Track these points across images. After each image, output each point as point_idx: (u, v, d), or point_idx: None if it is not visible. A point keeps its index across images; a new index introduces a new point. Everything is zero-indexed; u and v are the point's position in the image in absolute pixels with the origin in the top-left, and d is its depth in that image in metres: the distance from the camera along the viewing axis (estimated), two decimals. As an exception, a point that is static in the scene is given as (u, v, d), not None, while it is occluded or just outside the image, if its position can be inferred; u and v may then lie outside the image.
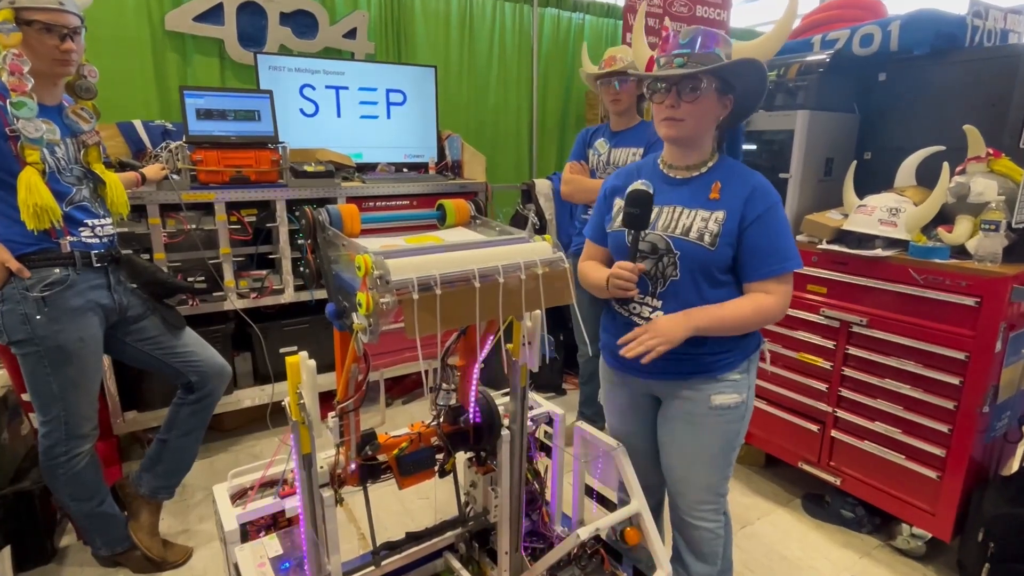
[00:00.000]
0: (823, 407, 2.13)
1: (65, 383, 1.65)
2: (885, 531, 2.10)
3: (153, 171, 2.24)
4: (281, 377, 2.73)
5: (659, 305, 1.35)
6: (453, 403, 1.58)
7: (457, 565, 1.78)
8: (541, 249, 1.21)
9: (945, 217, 1.89)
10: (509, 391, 1.60)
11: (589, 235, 1.53)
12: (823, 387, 2.13)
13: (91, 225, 1.67)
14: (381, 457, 1.48)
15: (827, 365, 2.10)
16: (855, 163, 2.15)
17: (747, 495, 2.35)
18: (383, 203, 2.87)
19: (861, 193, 2.11)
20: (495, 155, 4.10)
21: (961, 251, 1.82)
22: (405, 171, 3.31)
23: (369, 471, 1.45)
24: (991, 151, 1.84)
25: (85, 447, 1.75)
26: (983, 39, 2.17)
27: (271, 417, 2.69)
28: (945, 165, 1.81)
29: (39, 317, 1.57)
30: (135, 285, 1.83)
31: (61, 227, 1.59)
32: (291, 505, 1.32)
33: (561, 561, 1.64)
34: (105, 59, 2.76)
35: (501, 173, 4.17)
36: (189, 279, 2.43)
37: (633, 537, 1.51)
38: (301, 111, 3.07)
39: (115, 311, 1.75)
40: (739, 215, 1.28)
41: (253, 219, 2.58)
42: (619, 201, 1.42)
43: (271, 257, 2.67)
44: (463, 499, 1.79)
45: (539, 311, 1.40)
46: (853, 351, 2.02)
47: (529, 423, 1.67)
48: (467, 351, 1.55)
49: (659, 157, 1.42)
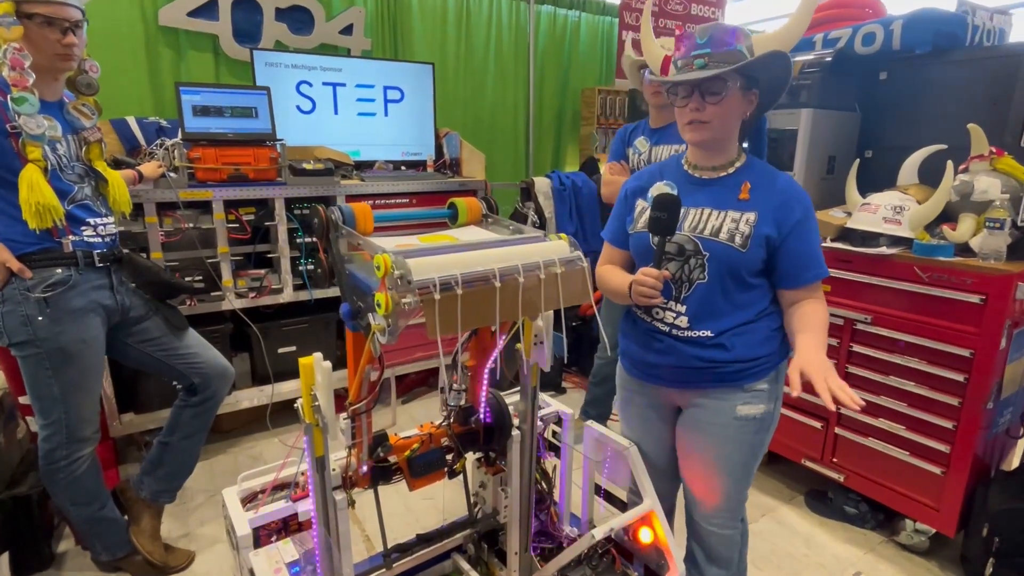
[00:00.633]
0: (827, 404, 2.14)
1: (67, 385, 1.61)
2: (888, 527, 2.11)
3: (150, 169, 2.20)
4: (280, 378, 2.70)
5: (683, 310, 1.30)
6: (463, 403, 1.57)
7: (466, 566, 1.77)
8: (558, 248, 1.20)
9: (948, 215, 1.90)
10: (519, 391, 1.59)
11: (608, 238, 1.49)
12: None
13: (93, 224, 1.64)
14: (392, 459, 1.47)
15: (831, 362, 2.10)
16: (858, 161, 2.16)
17: (752, 493, 2.33)
18: (383, 201, 2.84)
19: (862, 191, 2.12)
20: (492, 153, 4.08)
21: (965, 249, 1.83)
22: (403, 169, 3.28)
23: (381, 473, 1.44)
24: (994, 149, 1.86)
25: (86, 451, 1.71)
26: (983, 38, 2.19)
27: (271, 418, 2.66)
28: (949, 163, 1.83)
29: (41, 318, 1.53)
30: (137, 285, 1.79)
31: (63, 226, 1.55)
32: (304, 509, 1.30)
33: (572, 561, 1.64)
34: (97, 54, 2.64)
35: (498, 171, 4.15)
36: (187, 279, 2.39)
37: (645, 536, 1.51)
38: (298, 108, 3.03)
39: (117, 312, 1.72)
40: (772, 218, 1.23)
41: (251, 217, 2.54)
42: (641, 202, 1.39)
43: (270, 256, 2.64)
44: (471, 500, 1.78)
45: (550, 311, 1.40)
46: (857, 348, 2.03)
47: (538, 423, 1.67)
48: (478, 351, 1.54)
49: (683, 157, 1.38)
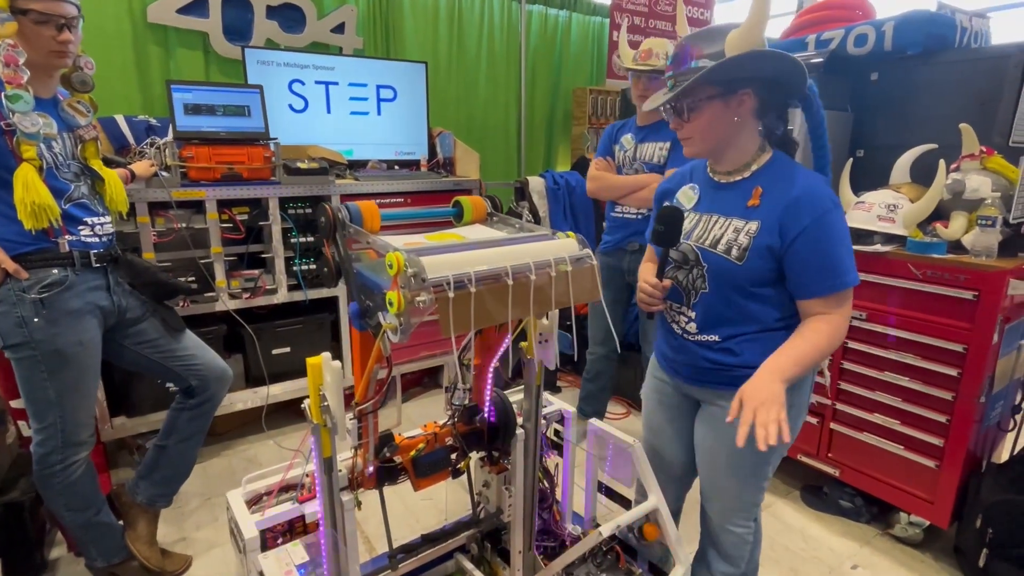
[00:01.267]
0: (822, 400, 2.17)
1: (62, 388, 1.58)
2: (883, 520, 2.15)
3: (142, 168, 2.16)
4: (275, 379, 2.67)
5: (692, 316, 1.32)
6: (468, 402, 1.57)
7: (469, 566, 1.76)
8: (568, 246, 1.20)
9: (939, 213, 1.94)
10: (523, 389, 1.59)
11: (647, 237, 1.44)
12: (822, 380, 2.17)
13: (91, 223, 1.61)
14: (397, 459, 1.46)
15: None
16: (851, 160, 2.20)
17: (747, 488, 2.39)
18: (378, 201, 2.82)
19: (854, 190, 2.15)
20: (484, 152, 4.06)
21: (957, 246, 1.87)
22: (396, 168, 3.27)
23: (387, 473, 1.43)
24: (984, 149, 1.90)
25: (82, 455, 1.68)
26: (970, 40, 2.23)
27: (266, 420, 2.63)
28: (941, 163, 1.86)
29: (37, 320, 1.50)
30: (134, 286, 1.76)
31: (59, 226, 1.52)
32: (311, 510, 1.29)
33: (577, 559, 1.64)
34: (84, 51, 2.65)
35: (490, 170, 4.14)
36: (180, 279, 2.35)
37: (651, 533, 1.52)
38: (290, 107, 3.00)
39: (114, 313, 1.69)
40: (777, 227, 1.18)
41: (245, 217, 2.51)
42: (668, 204, 1.38)
43: (263, 256, 2.61)
44: (475, 499, 1.78)
45: (555, 309, 1.40)
46: (852, 344, 2.06)
47: (542, 421, 1.67)
48: (483, 349, 1.54)
49: (708, 161, 1.36)
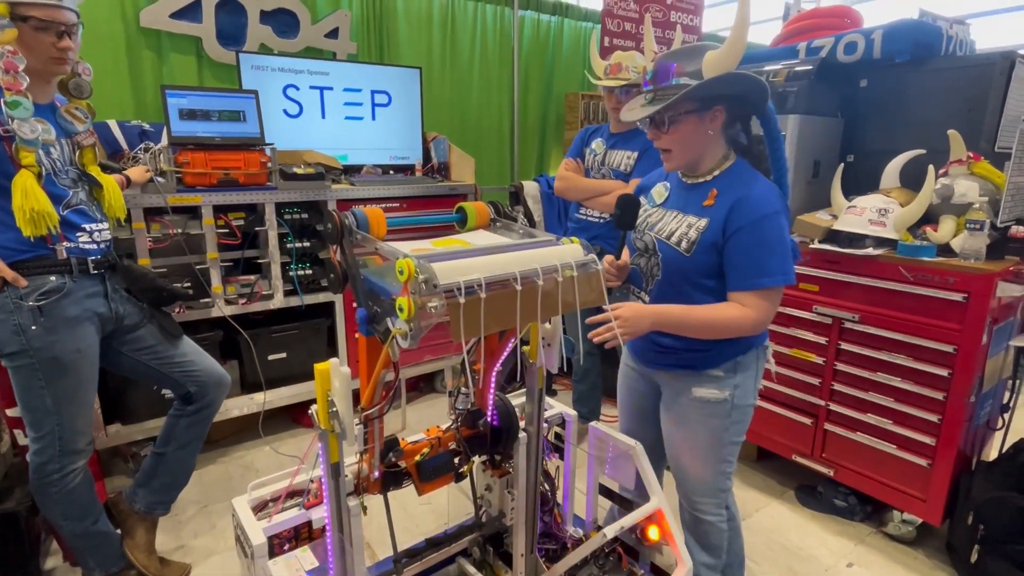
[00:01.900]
0: (816, 401, 2.21)
1: (60, 397, 1.56)
2: (877, 518, 2.19)
3: (138, 173, 2.15)
4: (271, 385, 2.66)
5: (647, 299, 1.47)
6: (471, 407, 1.58)
7: (472, 570, 1.77)
8: (573, 251, 1.22)
9: (929, 217, 1.99)
10: (525, 393, 1.60)
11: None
12: (816, 381, 2.20)
13: (89, 230, 1.60)
14: (402, 464, 1.47)
15: (820, 360, 2.18)
16: (842, 165, 2.24)
17: (743, 489, 2.42)
18: (374, 206, 2.82)
19: (845, 194, 2.19)
20: (477, 157, 4.07)
21: (946, 249, 1.91)
22: (391, 173, 3.27)
23: (392, 478, 1.44)
24: (971, 154, 1.95)
25: (79, 463, 1.66)
26: (956, 48, 2.29)
27: (263, 426, 2.62)
28: (931, 168, 1.91)
29: (34, 327, 1.49)
30: (131, 292, 1.75)
31: (58, 232, 1.51)
32: (318, 516, 1.29)
33: (580, 560, 1.65)
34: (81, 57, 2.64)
35: (484, 174, 4.15)
36: (176, 285, 2.34)
37: (654, 534, 1.54)
38: (285, 112, 3.00)
39: (111, 320, 1.68)
40: (722, 225, 1.30)
41: (241, 223, 2.50)
42: (643, 199, 1.55)
43: (259, 262, 2.60)
44: (477, 503, 1.78)
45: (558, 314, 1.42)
46: (845, 346, 2.10)
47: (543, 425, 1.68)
48: (486, 354, 1.55)
49: None
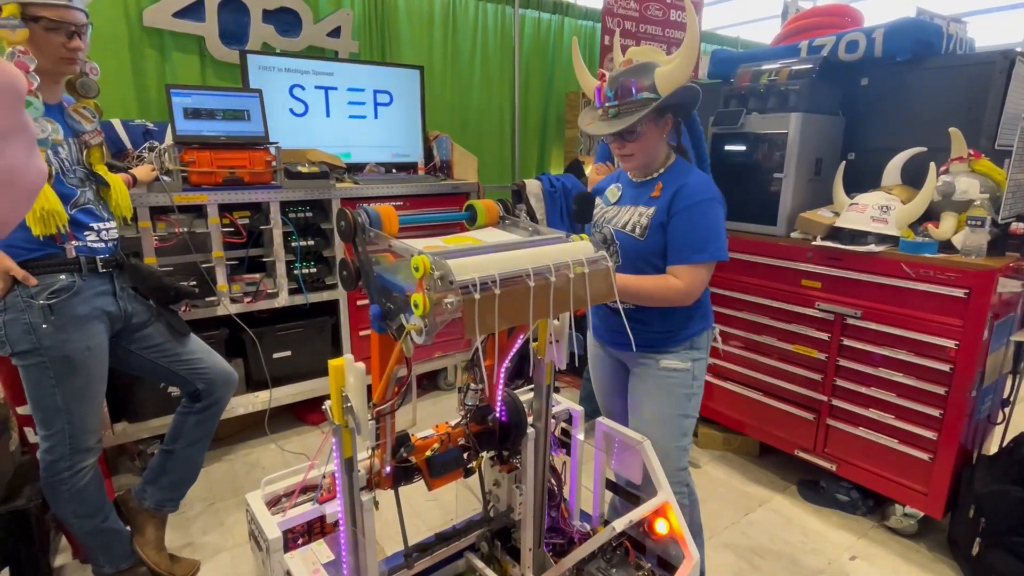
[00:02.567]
0: (818, 396, 2.23)
1: (70, 395, 1.57)
2: (879, 512, 2.21)
3: (143, 172, 2.15)
4: (277, 383, 2.67)
5: None
6: (480, 403, 1.59)
7: (480, 564, 1.78)
8: (584, 248, 1.23)
9: (930, 214, 2.01)
10: (532, 389, 1.62)
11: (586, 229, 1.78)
12: (818, 377, 2.22)
13: (96, 229, 1.61)
14: (412, 459, 1.48)
15: (822, 356, 2.20)
16: (844, 163, 2.26)
17: (746, 484, 2.44)
18: (377, 205, 2.83)
19: (847, 191, 2.21)
20: (478, 155, 4.08)
21: (947, 246, 1.94)
22: (394, 171, 3.28)
23: (403, 473, 1.45)
24: (972, 152, 1.97)
25: (89, 461, 1.67)
26: (956, 47, 2.31)
27: (268, 423, 2.63)
28: (932, 165, 1.93)
29: (45, 326, 1.50)
30: (139, 291, 1.76)
31: (66, 231, 1.52)
32: (331, 511, 1.30)
33: (587, 555, 1.67)
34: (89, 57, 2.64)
35: (485, 173, 4.16)
36: (182, 283, 2.35)
37: (661, 528, 1.55)
38: (291, 111, 3.01)
39: (120, 318, 1.69)
40: (666, 209, 1.48)
41: (246, 221, 2.51)
42: (598, 199, 1.72)
43: (264, 260, 2.61)
44: (486, 498, 1.80)
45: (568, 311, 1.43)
46: (847, 342, 2.12)
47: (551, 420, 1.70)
48: (494, 351, 1.56)
49: None
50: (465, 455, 1.58)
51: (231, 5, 3.02)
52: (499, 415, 1.59)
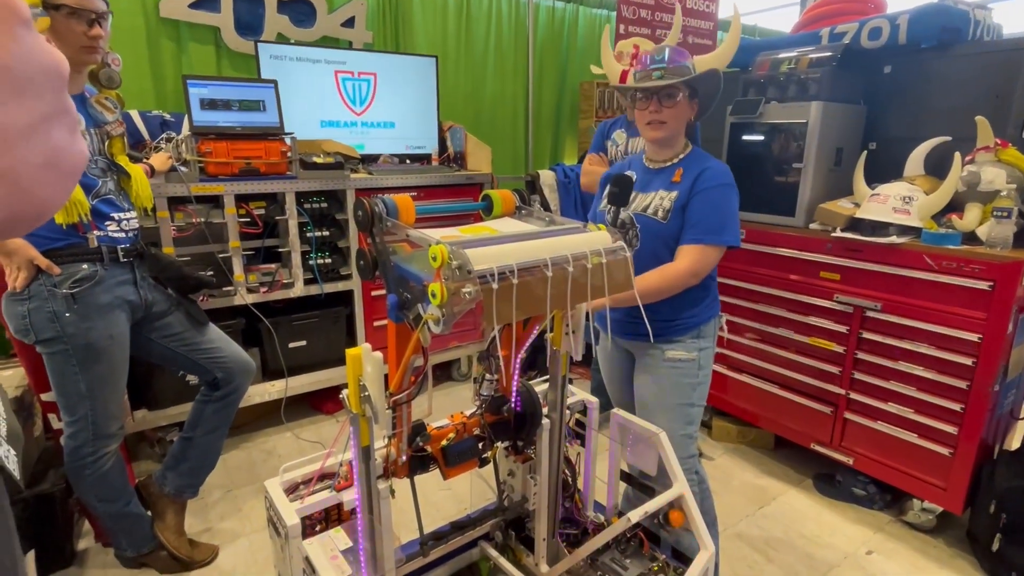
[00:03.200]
0: (836, 390, 2.21)
1: (93, 382, 1.60)
2: (896, 507, 2.19)
3: (160, 161, 2.18)
4: (292, 372, 2.69)
5: None
6: (495, 393, 1.60)
7: (494, 553, 1.79)
8: (601, 239, 1.22)
9: (954, 205, 1.97)
10: (548, 380, 1.62)
11: (589, 216, 1.79)
12: (836, 370, 2.20)
13: (117, 219, 1.63)
14: (428, 448, 1.49)
15: (840, 349, 2.17)
16: (865, 153, 2.22)
17: (760, 477, 2.42)
18: (394, 195, 2.84)
19: (868, 182, 2.18)
20: (492, 146, 4.06)
21: (971, 237, 1.90)
22: (408, 162, 3.28)
23: (419, 462, 1.46)
24: (999, 141, 1.92)
25: (112, 447, 1.70)
26: (983, 33, 2.25)
27: (284, 412, 2.66)
28: (957, 155, 1.89)
29: (68, 315, 1.52)
30: (159, 280, 1.78)
31: (88, 221, 1.54)
32: (349, 498, 1.31)
33: (601, 546, 1.67)
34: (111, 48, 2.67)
35: (499, 164, 4.14)
36: (200, 273, 2.37)
37: (677, 519, 1.55)
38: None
39: (141, 307, 1.71)
40: (688, 192, 1.51)
41: (262, 212, 2.53)
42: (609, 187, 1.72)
43: (280, 251, 2.63)
44: (501, 488, 1.80)
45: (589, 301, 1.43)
46: (866, 335, 2.09)
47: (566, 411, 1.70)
48: (509, 341, 1.56)
49: (645, 153, 1.69)
50: (480, 445, 1.59)
51: (246, -5, 3.03)
52: (514, 406, 1.59)
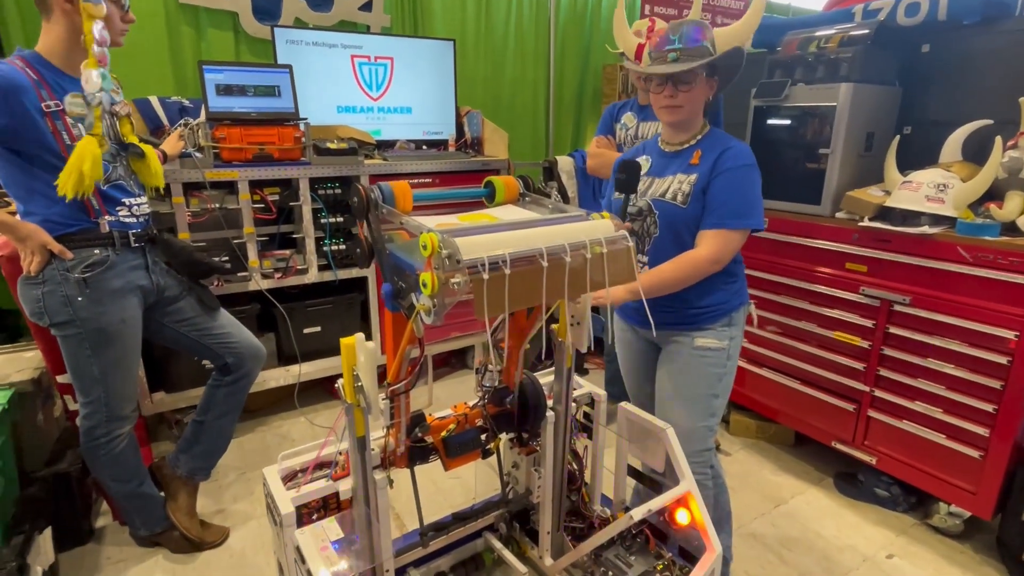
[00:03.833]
0: (859, 386, 2.11)
1: (106, 365, 1.63)
2: (921, 510, 2.09)
3: (172, 145, 2.17)
4: (306, 358, 2.71)
5: (645, 260, 1.57)
6: (498, 384, 1.57)
7: (498, 545, 1.78)
8: (603, 227, 1.17)
9: (993, 193, 1.85)
10: (553, 372, 1.58)
11: (604, 204, 1.73)
12: (860, 366, 2.11)
13: (128, 204, 1.64)
14: (428, 439, 1.47)
15: (865, 344, 2.08)
16: (898, 138, 2.10)
17: (778, 474, 2.35)
18: (400, 181, 2.82)
19: (900, 169, 2.06)
20: (511, 131, 4.00)
21: (1011, 228, 1.78)
22: (424, 148, 3.25)
23: (418, 453, 1.44)
24: (1045, 125, 1.79)
25: (125, 428, 1.74)
26: (1032, 8, 2.09)
27: (298, 397, 2.68)
28: (998, 139, 1.76)
29: (80, 299, 1.54)
30: (171, 265, 1.80)
31: (98, 205, 1.55)
32: (345, 488, 1.30)
33: (606, 541, 1.64)
34: None
35: (518, 150, 4.09)
36: (214, 259, 2.40)
37: (683, 518, 1.50)
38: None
39: (153, 292, 1.73)
40: (708, 175, 1.44)
41: (276, 198, 2.54)
42: None
43: (294, 237, 2.64)
44: (504, 479, 1.78)
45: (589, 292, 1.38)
46: (894, 330, 1.99)
47: (571, 404, 1.66)
48: (514, 331, 1.53)
49: (660, 136, 1.61)
50: (483, 437, 1.56)
51: (264, -20, 3.01)
52: (517, 398, 1.56)
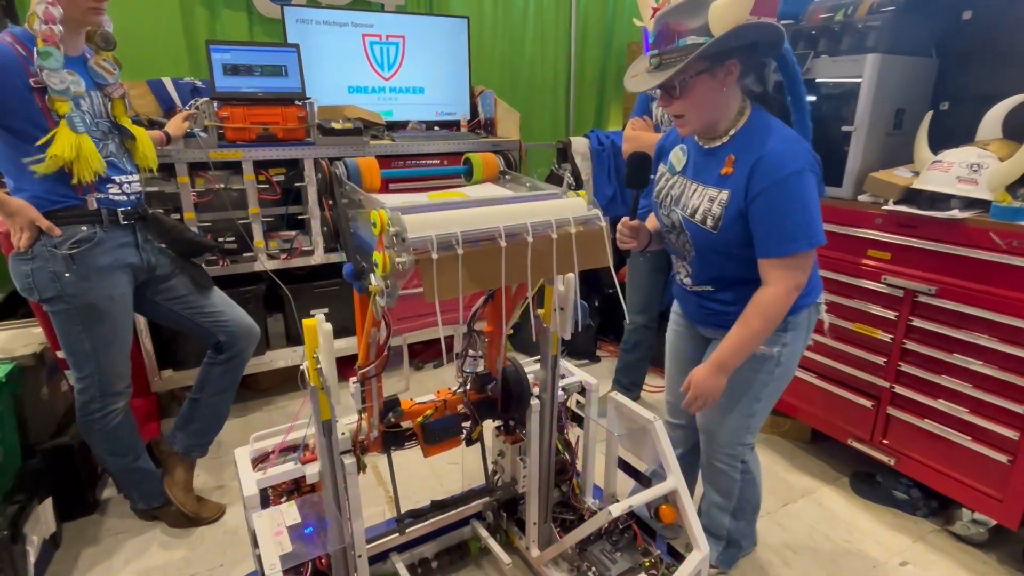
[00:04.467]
0: (879, 382, 1.98)
1: (97, 341, 1.65)
2: (942, 516, 1.96)
3: (175, 126, 2.17)
4: (313, 339, 2.72)
5: (689, 270, 1.46)
6: (481, 370, 1.52)
7: (484, 533, 1.74)
8: (575, 206, 1.10)
9: (1035, 174, 1.67)
10: (540, 358, 1.52)
11: (645, 204, 1.66)
12: (880, 361, 1.97)
13: (119, 182, 1.64)
14: (405, 424, 1.44)
15: (887, 337, 1.93)
16: (930, 114, 1.93)
17: (791, 471, 2.24)
18: (412, 162, 2.77)
19: (935, 148, 1.89)
20: (530, 112, 3.93)
21: (1053, 213, 1.61)
22: (437, 129, 3.20)
23: (393, 438, 1.41)
24: (1097, 97, 1.60)
25: (119, 404, 1.76)
26: (1093, -32, 1.88)
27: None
28: (1041, 114, 1.59)
29: (68, 275, 1.56)
30: (162, 244, 1.80)
31: (87, 183, 1.55)
32: (312, 471, 1.28)
33: (592, 535, 1.58)
34: (132, 14, 2.71)
35: (536, 131, 4.00)
36: (219, 239, 2.41)
37: (668, 515, 1.43)
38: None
39: (143, 270, 1.74)
40: (744, 190, 1.24)
41: (281, 178, 2.53)
42: (662, 166, 1.50)
43: (300, 218, 2.63)
44: (491, 468, 1.74)
45: (572, 275, 1.31)
46: (917, 323, 1.84)
47: (560, 393, 1.60)
48: (495, 316, 1.47)
49: None
50: (466, 424, 1.52)
51: (276, -42, 2.99)
52: (499, 384, 1.51)
